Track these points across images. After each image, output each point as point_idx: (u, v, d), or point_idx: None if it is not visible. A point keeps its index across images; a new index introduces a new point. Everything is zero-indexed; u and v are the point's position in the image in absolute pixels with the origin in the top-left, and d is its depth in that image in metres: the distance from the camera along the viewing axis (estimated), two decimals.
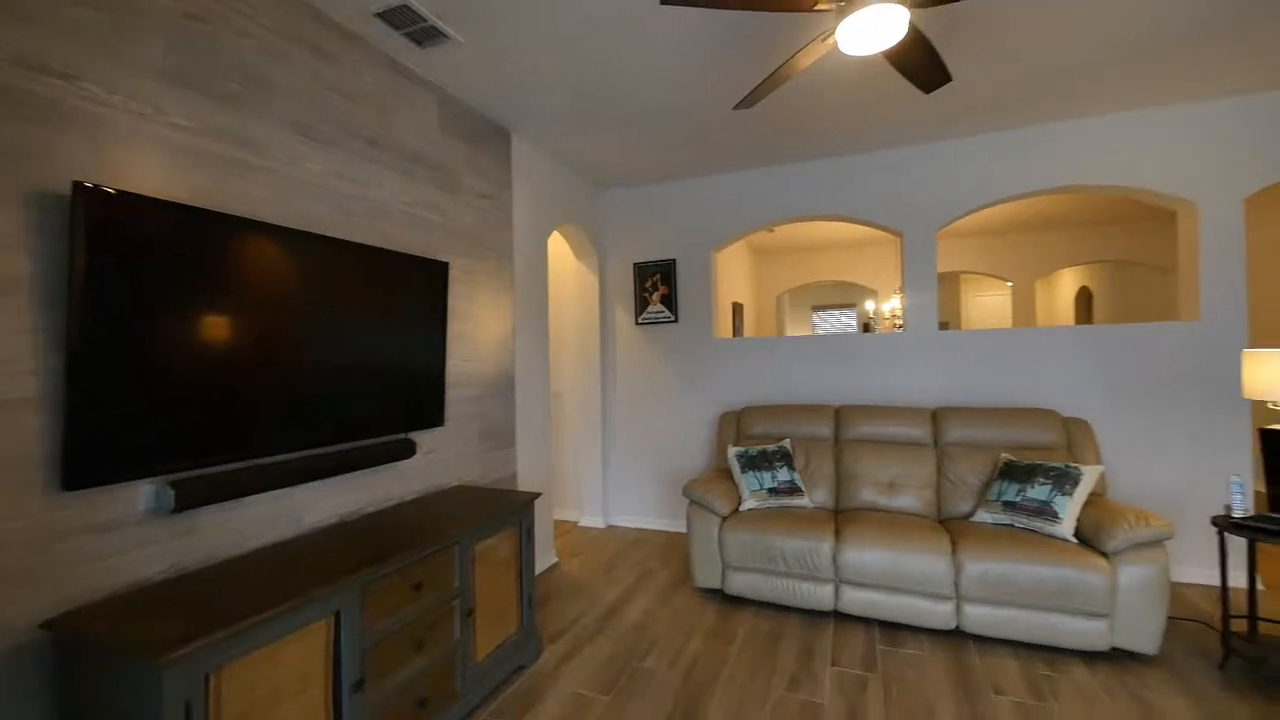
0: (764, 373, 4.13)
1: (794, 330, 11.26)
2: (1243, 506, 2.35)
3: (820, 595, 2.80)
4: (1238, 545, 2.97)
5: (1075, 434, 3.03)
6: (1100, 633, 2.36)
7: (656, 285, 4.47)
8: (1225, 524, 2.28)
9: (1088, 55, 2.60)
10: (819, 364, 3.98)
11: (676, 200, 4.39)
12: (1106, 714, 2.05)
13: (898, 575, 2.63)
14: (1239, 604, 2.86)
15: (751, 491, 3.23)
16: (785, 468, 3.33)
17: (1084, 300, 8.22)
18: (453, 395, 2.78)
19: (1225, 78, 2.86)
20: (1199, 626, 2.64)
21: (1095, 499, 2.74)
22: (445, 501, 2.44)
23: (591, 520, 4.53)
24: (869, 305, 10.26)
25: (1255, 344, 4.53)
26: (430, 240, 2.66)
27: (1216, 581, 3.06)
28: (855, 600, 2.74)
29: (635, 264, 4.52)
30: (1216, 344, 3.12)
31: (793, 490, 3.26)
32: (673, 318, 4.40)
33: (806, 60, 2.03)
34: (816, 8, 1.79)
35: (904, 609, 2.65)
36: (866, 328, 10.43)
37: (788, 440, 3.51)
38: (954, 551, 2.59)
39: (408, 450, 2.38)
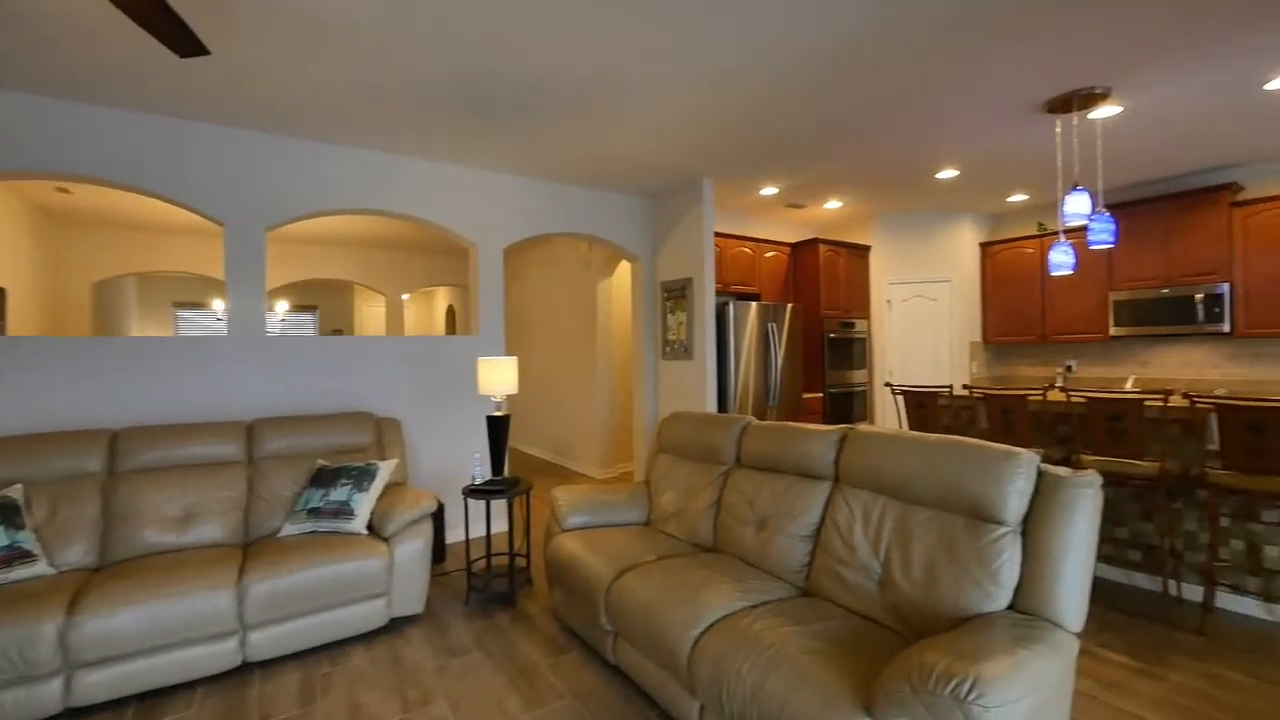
0: (19, 392, 2.80)
1: (146, 331, 8.73)
2: (482, 476, 3.13)
3: (37, 700, 2.01)
4: (490, 506, 4.02)
5: (386, 432, 3.37)
6: (379, 610, 2.63)
7: None
8: (467, 491, 2.97)
9: (389, 97, 2.90)
10: (109, 376, 3.00)
11: None
12: (366, 690, 2.25)
13: (163, 630, 2.17)
14: (497, 548, 3.86)
15: None
16: (5, 529, 2.29)
17: (451, 316, 9.86)
18: None
19: (502, 158, 3.81)
20: (461, 573, 3.38)
21: (394, 488, 3.08)
22: None
23: None
24: (218, 304, 9.17)
25: (510, 354, 6.39)
26: None
27: (479, 534, 3.99)
28: (99, 684, 2.10)
29: None
30: (485, 353, 4.14)
31: (13, 558, 2.26)
32: None
33: None
34: None
35: (172, 668, 2.21)
36: None
37: (18, 487, 2.45)
38: (240, 578, 2.36)
39: None
